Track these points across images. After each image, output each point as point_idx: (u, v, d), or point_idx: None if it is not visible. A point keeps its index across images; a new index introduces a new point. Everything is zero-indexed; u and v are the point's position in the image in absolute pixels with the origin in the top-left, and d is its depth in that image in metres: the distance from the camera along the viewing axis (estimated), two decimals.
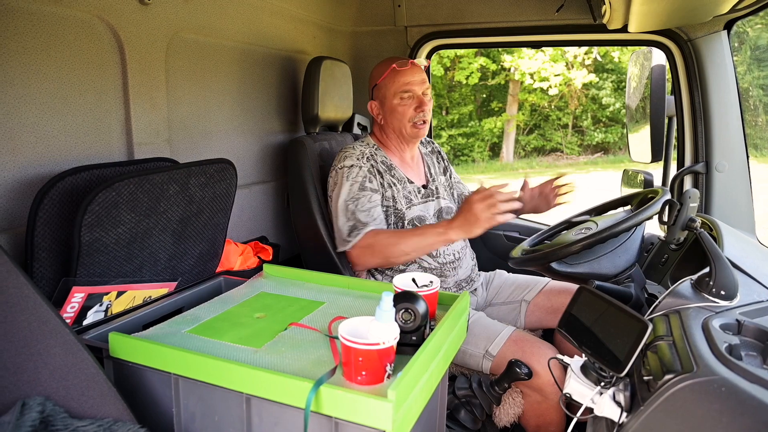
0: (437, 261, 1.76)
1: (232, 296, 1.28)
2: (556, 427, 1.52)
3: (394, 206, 1.76)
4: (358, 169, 1.72)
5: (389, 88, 1.76)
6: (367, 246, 1.66)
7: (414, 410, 0.88)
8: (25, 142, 1.19)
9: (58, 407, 0.82)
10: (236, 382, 0.89)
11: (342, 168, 1.74)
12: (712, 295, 1.05)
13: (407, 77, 1.74)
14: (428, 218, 1.81)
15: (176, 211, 1.31)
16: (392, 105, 1.76)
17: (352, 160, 1.73)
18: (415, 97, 1.75)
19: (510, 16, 2.21)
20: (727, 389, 0.75)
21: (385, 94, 1.78)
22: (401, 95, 1.75)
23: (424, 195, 1.84)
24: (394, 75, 1.75)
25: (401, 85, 1.74)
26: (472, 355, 1.56)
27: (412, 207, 1.78)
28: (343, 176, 1.72)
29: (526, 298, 1.79)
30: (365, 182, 1.71)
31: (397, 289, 1.14)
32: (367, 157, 1.75)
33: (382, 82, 1.78)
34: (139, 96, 1.43)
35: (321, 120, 1.97)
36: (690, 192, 1.23)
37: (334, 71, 2.02)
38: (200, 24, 1.63)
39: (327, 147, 1.95)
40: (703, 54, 1.87)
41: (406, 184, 1.80)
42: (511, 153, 13.56)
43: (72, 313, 1.17)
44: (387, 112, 1.79)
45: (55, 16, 1.22)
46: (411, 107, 1.75)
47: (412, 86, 1.74)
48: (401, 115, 1.76)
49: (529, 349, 1.50)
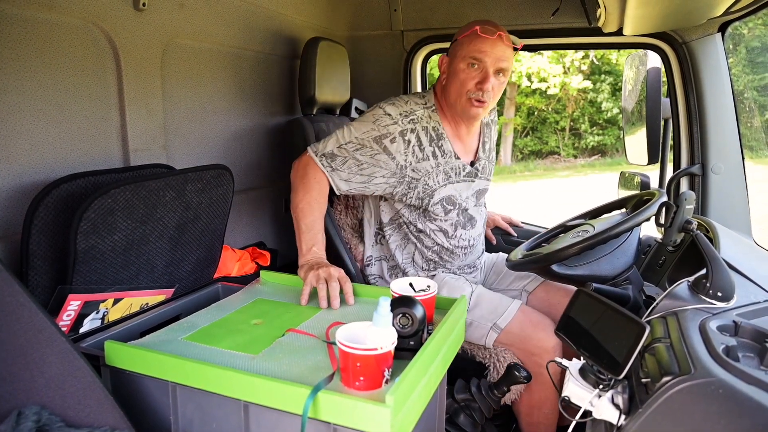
0: (450, 242, 1.73)
1: (229, 303, 1.28)
2: (549, 407, 1.53)
3: (425, 180, 1.63)
4: (392, 123, 1.58)
5: (463, 48, 1.58)
6: (304, 173, 1.57)
7: (412, 415, 0.88)
8: (20, 149, 1.19)
9: (54, 416, 0.81)
10: (234, 389, 0.88)
11: (379, 109, 1.61)
12: (709, 296, 1.05)
13: (485, 46, 1.54)
14: (461, 199, 1.71)
15: (173, 217, 1.30)
16: (457, 68, 1.58)
17: (394, 110, 1.60)
18: (484, 69, 1.55)
19: (506, 19, 2.21)
20: (724, 391, 0.75)
21: (457, 53, 1.60)
22: (470, 60, 1.56)
23: (467, 173, 1.71)
24: (473, 38, 1.55)
25: (474, 50, 1.55)
26: (478, 326, 1.56)
27: (449, 185, 1.67)
28: (372, 117, 1.59)
29: (527, 289, 1.79)
30: (385, 139, 1.57)
31: (395, 294, 1.14)
32: (413, 118, 1.61)
33: (460, 40, 1.60)
34: (134, 102, 1.43)
35: (318, 102, 1.96)
36: (686, 194, 1.23)
37: (331, 52, 2.00)
38: (195, 30, 1.63)
39: (324, 128, 1.94)
40: (697, 56, 1.88)
41: (451, 158, 1.67)
42: (509, 156, 13.58)
43: (68, 321, 1.17)
44: (451, 74, 1.62)
45: (49, 23, 1.22)
46: (474, 79, 1.56)
47: (486, 56, 1.54)
48: (461, 83, 1.58)
49: (536, 322, 1.53)
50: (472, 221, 1.77)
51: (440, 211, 1.69)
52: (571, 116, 13.56)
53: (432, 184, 1.65)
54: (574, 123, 13.72)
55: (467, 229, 1.75)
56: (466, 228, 1.75)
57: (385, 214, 1.75)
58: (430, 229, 1.72)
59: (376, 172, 1.60)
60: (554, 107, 13.49)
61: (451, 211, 1.71)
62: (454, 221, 1.72)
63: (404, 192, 1.65)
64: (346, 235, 1.86)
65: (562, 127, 13.87)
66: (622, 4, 1.50)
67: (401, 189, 1.65)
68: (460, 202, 1.72)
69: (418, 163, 1.62)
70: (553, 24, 2.13)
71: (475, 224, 1.79)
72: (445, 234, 1.72)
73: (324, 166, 1.57)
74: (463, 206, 1.73)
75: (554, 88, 12.19)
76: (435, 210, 1.68)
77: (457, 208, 1.72)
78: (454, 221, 1.72)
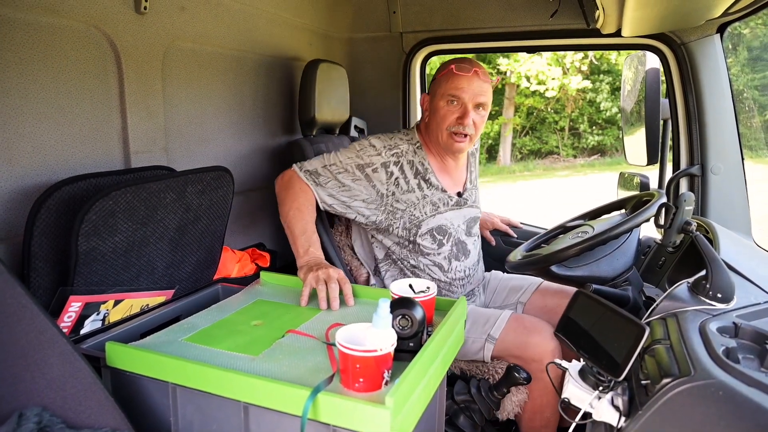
0: (447, 276, 1.72)
1: (229, 304, 1.28)
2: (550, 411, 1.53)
3: (411, 211, 1.66)
4: (375, 154, 1.63)
5: (441, 86, 1.64)
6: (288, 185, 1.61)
7: (412, 416, 0.88)
8: (22, 151, 1.19)
9: (55, 417, 0.81)
10: (234, 391, 0.88)
11: (365, 140, 1.67)
12: (708, 298, 1.05)
13: (461, 83, 1.60)
14: (453, 227, 1.72)
15: (173, 219, 1.31)
16: (437, 105, 1.65)
17: (379, 143, 1.66)
18: (463, 105, 1.61)
19: (505, 21, 2.22)
20: (724, 393, 0.75)
21: (436, 92, 1.66)
22: (449, 98, 1.62)
23: (455, 203, 1.74)
24: (450, 76, 1.62)
25: (451, 88, 1.61)
26: (474, 342, 1.55)
27: (437, 215, 1.69)
28: (358, 147, 1.64)
29: (521, 300, 1.79)
30: (368, 168, 1.61)
31: (394, 296, 1.14)
32: (397, 152, 1.65)
33: (439, 78, 1.66)
34: (135, 105, 1.44)
35: (318, 122, 1.97)
36: (685, 195, 1.23)
37: (331, 74, 2.02)
38: (196, 32, 1.63)
39: (324, 149, 1.95)
40: (696, 57, 1.88)
41: (437, 191, 1.70)
42: (508, 156, 13.58)
43: (69, 322, 1.17)
44: (432, 111, 1.68)
45: (52, 27, 1.22)
46: (454, 114, 1.62)
47: (463, 93, 1.60)
48: (441, 118, 1.64)
49: (531, 327, 1.53)
50: (466, 251, 1.76)
51: (429, 243, 1.68)
52: (570, 116, 13.56)
53: (419, 215, 1.67)
54: (573, 123, 13.73)
55: (461, 261, 1.74)
56: (460, 260, 1.74)
57: (379, 251, 1.76)
58: (425, 265, 1.71)
59: (356, 195, 1.63)
60: (553, 107, 13.49)
61: (444, 243, 1.70)
62: (447, 254, 1.71)
63: (389, 222, 1.66)
64: (346, 257, 1.86)
65: (561, 126, 13.87)
66: (621, 6, 1.50)
67: (384, 218, 1.66)
68: (452, 231, 1.72)
69: (402, 195, 1.65)
70: (551, 25, 2.14)
71: (470, 254, 1.78)
72: (440, 268, 1.72)
73: (308, 179, 1.62)
74: (456, 236, 1.73)
75: (552, 91, 12.20)
76: (424, 242, 1.68)
77: (450, 239, 1.71)
78: (447, 254, 1.71)
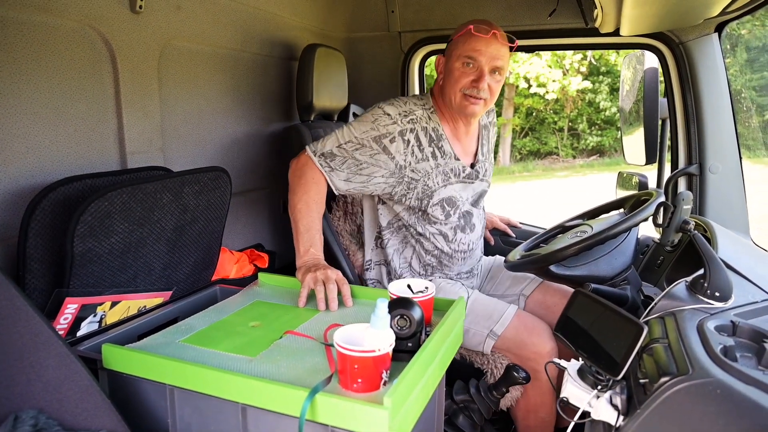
0: (450, 246, 1.72)
1: (227, 305, 1.28)
2: (546, 410, 1.52)
3: (424, 181, 1.63)
4: (391, 123, 1.59)
5: (458, 47, 1.59)
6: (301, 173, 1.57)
7: (411, 417, 0.88)
8: (17, 152, 1.19)
9: (51, 420, 0.81)
10: (231, 392, 0.88)
11: (378, 109, 1.62)
12: (706, 296, 1.05)
13: (479, 44, 1.56)
14: (462, 200, 1.71)
15: (170, 219, 1.30)
16: (452, 67, 1.60)
17: (393, 110, 1.61)
18: (479, 68, 1.57)
19: (503, 20, 2.21)
20: (722, 391, 0.75)
21: (452, 53, 1.62)
22: (465, 59, 1.57)
23: (467, 175, 1.71)
24: (468, 37, 1.57)
25: (468, 49, 1.56)
26: (475, 334, 1.56)
27: (448, 186, 1.66)
28: (372, 117, 1.60)
29: (524, 292, 1.78)
30: (385, 138, 1.58)
31: (392, 296, 1.14)
32: (413, 118, 1.62)
33: (455, 40, 1.62)
34: (131, 105, 1.43)
35: (316, 108, 1.95)
36: (683, 194, 1.23)
37: (329, 59, 2.00)
38: (192, 32, 1.62)
39: (322, 134, 1.94)
40: (694, 56, 1.88)
41: (451, 159, 1.67)
42: (508, 156, 13.60)
43: (65, 324, 1.17)
44: (447, 73, 1.63)
45: (46, 26, 1.22)
46: (469, 76, 1.58)
47: (480, 55, 1.56)
48: (455, 80, 1.59)
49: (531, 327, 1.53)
50: (471, 225, 1.76)
51: (439, 214, 1.68)
52: (569, 117, 13.58)
53: (431, 185, 1.65)
54: (572, 123, 13.74)
55: (467, 233, 1.74)
56: (465, 232, 1.74)
57: (384, 218, 1.74)
58: (430, 233, 1.71)
59: (375, 171, 1.59)
60: (553, 108, 13.51)
61: (451, 214, 1.70)
62: (454, 225, 1.72)
63: (403, 192, 1.65)
64: (344, 242, 1.86)
65: (560, 127, 13.89)
66: (619, 5, 1.50)
67: (400, 189, 1.64)
68: (460, 204, 1.71)
69: (417, 164, 1.62)
70: (550, 25, 2.14)
71: (474, 228, 1.78)
72: (445, 238, 1.71)
73: (322, 166, 1.57)
74: (464, 208, 1.73)
75: (553, 94, 12.21)
76: (434, 212, 1.67)
77: (457, 211, 1.71)
78: (454, 225, 1.72)
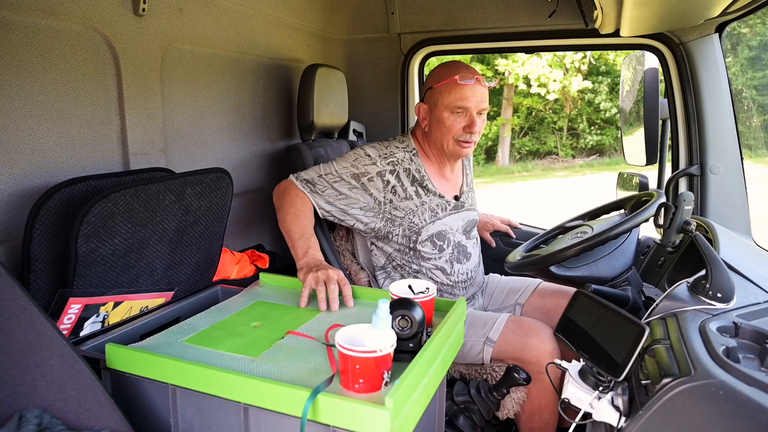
0: (450, 279, 1.72)
1: (228, 305, 1.28)
2: (549, 412, 1.52)
3: (410, 218, 1.65)
4: (371, 164, 1.62)
5: (444, 97, 1.62)
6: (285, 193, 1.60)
7: (412, 417, 0.88)
8: (21, 153, 1.19)
9: (55, 419, 0.81)
10: (233, 392, 0.88)
11: (360, 149, 1.66)
12: (708, 297, 1.05)
13: (466, 92, 1.59)
14: (452, 231, 1.71)
15: (172, 220, 1.31)
16: (441, 116, 1.63)
17: (374, 152, 1.65)
18: (469, 115, 1.61)
19: (503, 21, 2.22)
20: (724, 392, 0.75)
21: (437, 102, 1.64)
22: (454, 109, 1.61)
23: (453, 207, 1.73)
24: (453, 86, 1.60)
25: (457, 99, 1.60)
26: (473, 345, 1.55)
27: (436, 221, 1.68)
28: (353, 156, 1.64)
29: (520, 302, 1.79)
30: (363, 177, 1.61)
31: (394, 296, 1.14)
32: (393, 161, 1.64)
33: (438, 88, 1.63)
34: (134, 106, 1.44)
35: (317, 127, 1.97)
36: (684, 195, 1.23)
37: (329, 78, 2.02)
38: (195, 34, 1.63)
39: (323, 153, 1.95)
40: (695, 57, 1.88)
41: (435, 197, 1.69)
42: (507, 156, 13.59)
43: (69, 324, 1.17)
44: (434, 121, 1.66)
45: (50, 29, 1.22)
46: (460, 124, 1.62)
47: (468, 102, 1.60)
48: (447, 129, 1.63)
49: (529, 328, 1.53)
50: (467, 254, 1.76)
51: (430, 249, 1.68)
52: (569, 116, 13.57)
53: (418, 222, 1.66)
54: (572, 123, 13.74)
55: (463, 263, 1.74)
56: (462, 262, 1.74)
57: (378, 259, 1.74)
58: (427, 269, 1.70)
59: (353, 203, 1.63)
60: (552, 107, 13.51)
61: (444, 248, 1.70)
62: (449, 257, 1.71)
63: (388, 229, 1.66)
64: (346, 261, 1.86)
65: (560, 127, 13.89)
66: (619, 6, 1.50)
67: (382, 225, 1.65)
68: (451, 236, 1.71)
69: (400, 202, 1.64)
70: (549, 26, 2.14)
71: (471, 257, 1.78)
72: (443, 271, 1.71)
73: (304, 188, 1.61)
74: (455, 240, 1.72)
75: (554, 94, 12.21)
76: (424, 248, 1.67)
77: (449, 244, 1.71)
78: (449, 257, 1.71)
